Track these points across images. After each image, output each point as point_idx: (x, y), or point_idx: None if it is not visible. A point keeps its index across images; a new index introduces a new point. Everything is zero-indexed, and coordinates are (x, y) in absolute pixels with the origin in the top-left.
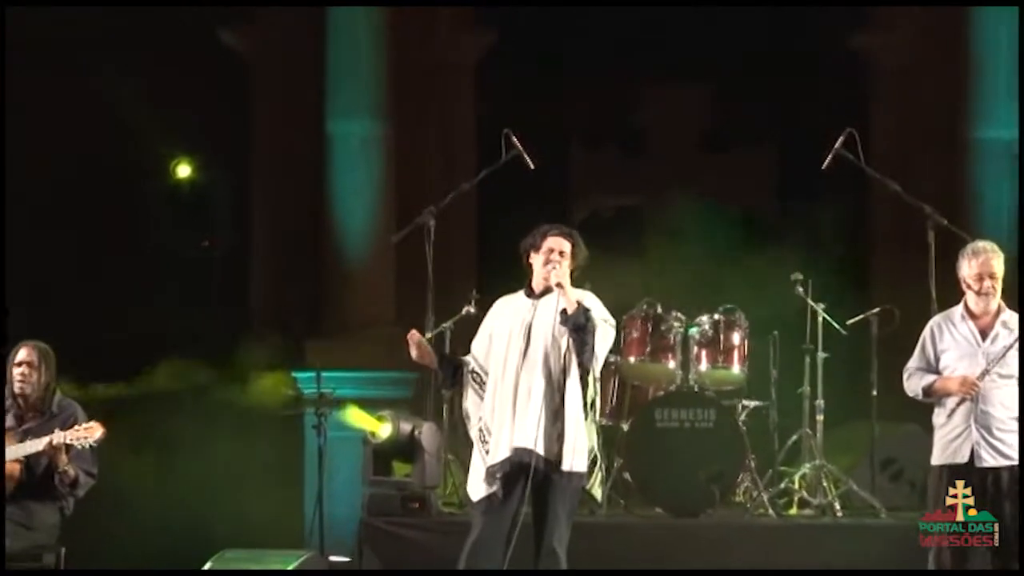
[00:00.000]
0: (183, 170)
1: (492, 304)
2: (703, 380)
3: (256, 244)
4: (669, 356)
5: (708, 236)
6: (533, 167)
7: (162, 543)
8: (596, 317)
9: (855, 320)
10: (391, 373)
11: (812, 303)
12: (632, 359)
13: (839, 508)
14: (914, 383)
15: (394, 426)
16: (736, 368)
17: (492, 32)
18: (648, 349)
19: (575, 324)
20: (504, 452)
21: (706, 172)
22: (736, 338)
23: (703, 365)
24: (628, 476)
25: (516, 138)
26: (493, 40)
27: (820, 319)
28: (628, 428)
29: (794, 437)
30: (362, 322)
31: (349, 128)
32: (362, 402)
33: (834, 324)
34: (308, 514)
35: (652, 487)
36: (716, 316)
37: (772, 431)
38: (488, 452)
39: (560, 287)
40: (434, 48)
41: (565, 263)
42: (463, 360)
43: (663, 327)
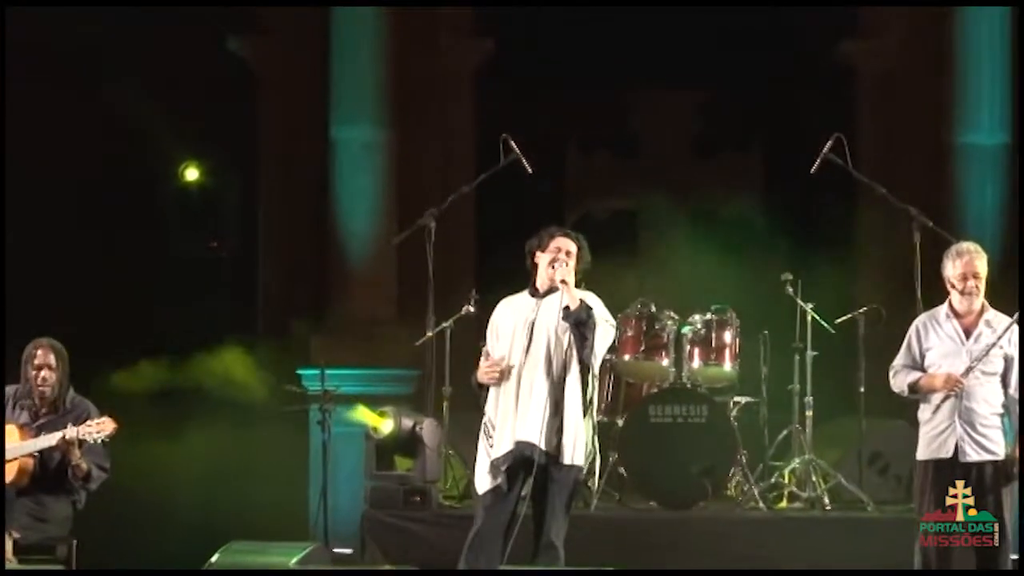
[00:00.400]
0: (192, 174)
1: (491, 303)
2: (695, 377)
3: (262, 245)
4: (663, 354)
5: (700, 238)
6: (530, 171)
7: (171, 535)
8: (597, 316)
9: (843, 319)
10: (393, 370)
11: (801, 303)
12: (627, 357)
13: (828, 501)
14: (900, 380)
15: (396, 422)
16: (728, 365)
17: (490, 41)
18: (642, 347)
19: (577, 320)
20: (507, 446)
21: (697, 175)
22: (727, 336)
23: (695, 363)
24: (623, 470)
25: (514, 143)
26: (491, 49)
27: (809, 318)
28: (623, 424)
29: (784, 432)
30: (365, 321)
31: (352, 134)
32: (365, 399)
33: (822, 323)
34: (313, 507)
35: (646, 481)
36: (708, 315)
37: (763, 427)
38: (493, 446)
39: (564, 284)
40: (434, 57)
41: (571, 263)
42: None
43: (657, 326)
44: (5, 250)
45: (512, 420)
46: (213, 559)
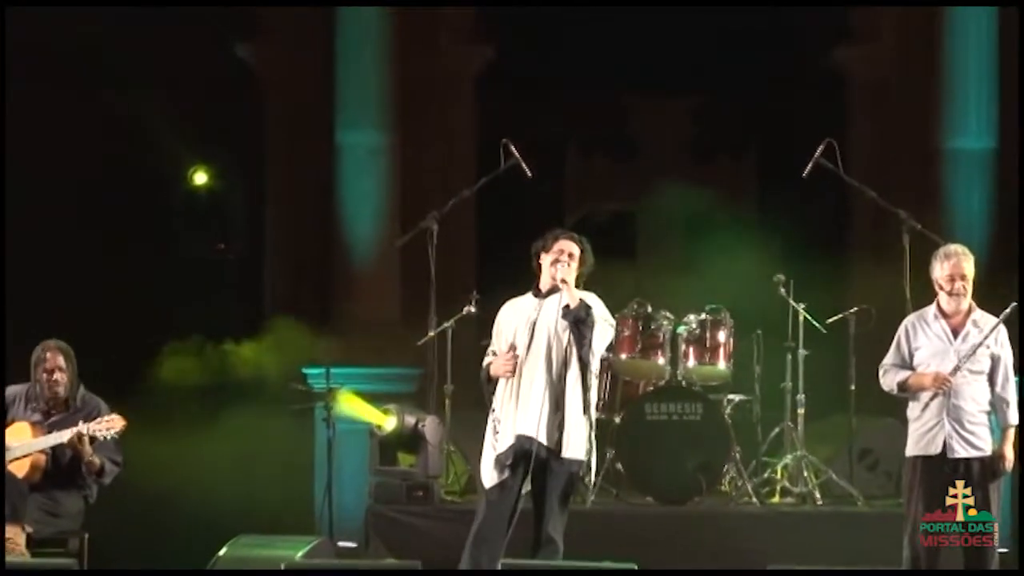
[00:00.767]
0: (200, 178)
1: (492, 303)
2: (691, 375)
3: (269, 247)
4: (659, 353)
5: (695, 239)
6: (530, 175)
7: (181, 529)
8: (597, 315)
9: (834, 319)
10: (396, 369)
11: (793, 303)
12: (624, 356)
13: (819, 496)
14: (890, 379)
15: (399, 419)
16: (722, 364)
17: (491, 48)
18: (639, 346)
19: (575, 318)
20: (509, 440)
21: (693, 179)
22: (722, 336)
23: (691, 361)
24: (620, 466)
25: (514, 147)
26: (492, 55)
27: (801, 318)
28: (620, 421)
29: (776, 429)
30: (369, 321)
31: (357, 138)
32: (369, 397)
33: (814, 323)
34: (318, 502)
35: (642, 477)
36: (703, 315)
37: (756, 424)
38: (498, 442)
39: (565, 283)
40: (436, 62)
41: (573, 264)
42: None
43: (653, 326)
44: (6, 250)
45: (513, 415)
46: (222, 552)
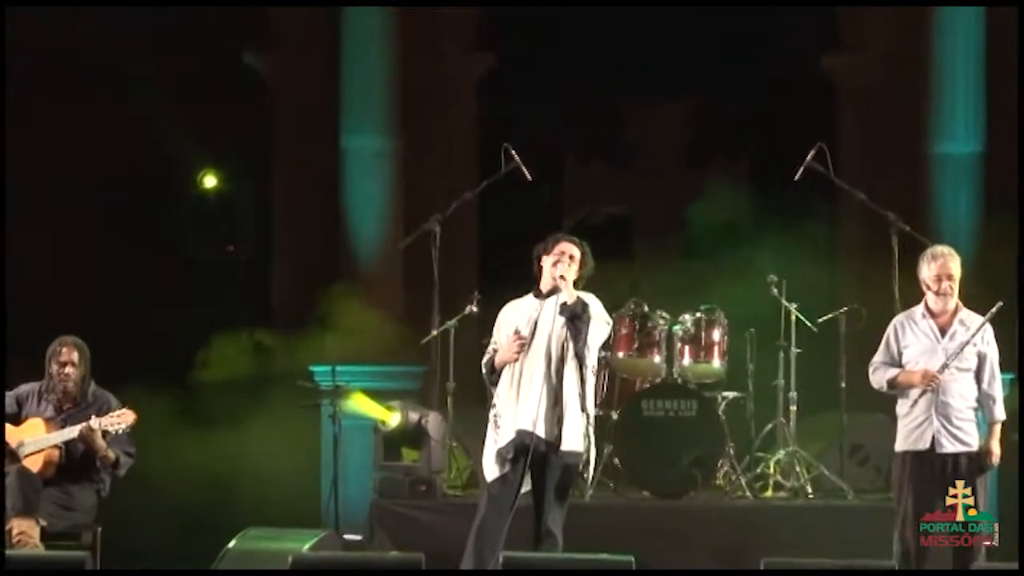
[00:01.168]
0: (210, 181)
1: (493, 303)
2: (686, 373)
3: (277, 248)
4: (655, 351)
5: (690, 241)
6: (530, 178)
7: (191, 523)
8: (593, 313)
9: (825, 318)
10: (400, 367)
11: (786, 303)
12: (621, 354)
13: (811, 490)
14: (879, 376)
15: (403, 416)
16: (716, 362)
17: (492, 55)
18: (635, 345)
19: (572, 313)
20: (509, 435)
21: (688, 183)
22: (716, 335)
23: (686, 360)
24: (617, 461)
25: (514, 152)
26: (493, 62)
27: (793, 317)
28: (617, 417)
29: (769, 426)
30: (374, 320)
31: (361, 143)
32: (373, 394)
33: (806, 322)
34: (324, 496)
35: (639, 471)
36: (698, 315)
37: (749, 420)
38: (499, 436)
39: (563, 279)
40: (439, 69)
41: (573, 265)
42: None
43: (649, 325)
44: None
45: (514, 411)
46: (231, 544)
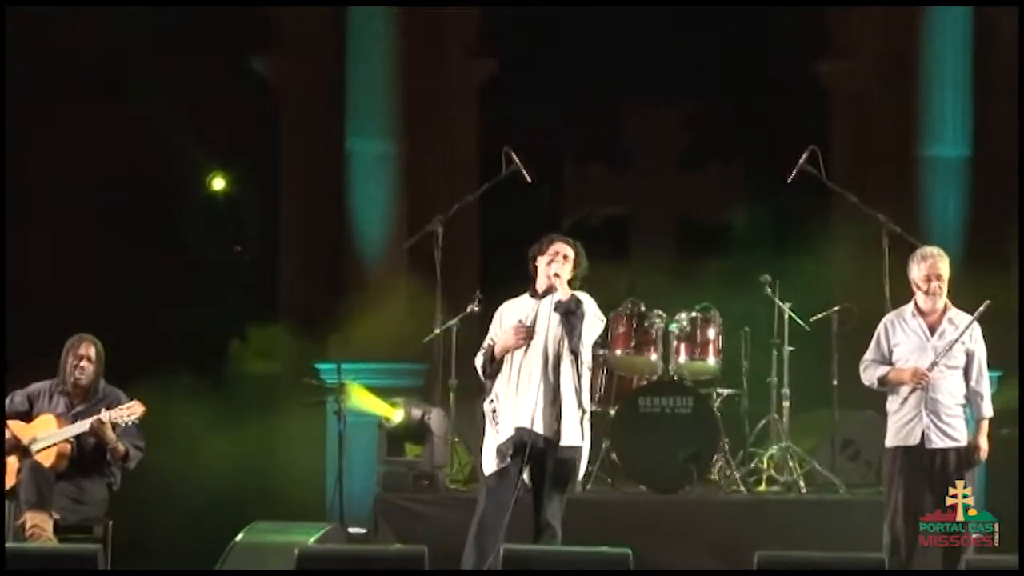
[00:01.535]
0: (218, 183)
1: (494, 303)
2: (682, 371)
3: (283, 249)
4: (651, 349)
5: (686, 242)
6: (530, 180)
7: (200, 517)
8: (587, 310)
9: (818, 317)
10: (404, 364)
11: (779, 302)
12: (618, 352)
13: (803, 485)
14: (870, 374)
15: (406, 412)
16: (711, 360)
17: (494, 61)
18: (632, 343)
19: (566, 309)
20: (509, 431)
21: (684, 184)
22: (711, 333)
23: (682, 357)
24: (615, 457)
25: (514, 155)
26: (494, 68)
27: (786, 316)
28: (615, 413)
29: (763, 422)
30: (378, 319)
31: (366, 146)
32: (377, 391)
33: (799, 321)
34: (330, 491)
35: (636, 466)
36: (693, 313)
37: (743, 416)
38: (499, 432)
39: (557, 276)
40: (441, 74)
41: (567, 264)
42: None
43: (646, 323)
44: (5, 251)
45: (513, 408)
46: (238, 537)
